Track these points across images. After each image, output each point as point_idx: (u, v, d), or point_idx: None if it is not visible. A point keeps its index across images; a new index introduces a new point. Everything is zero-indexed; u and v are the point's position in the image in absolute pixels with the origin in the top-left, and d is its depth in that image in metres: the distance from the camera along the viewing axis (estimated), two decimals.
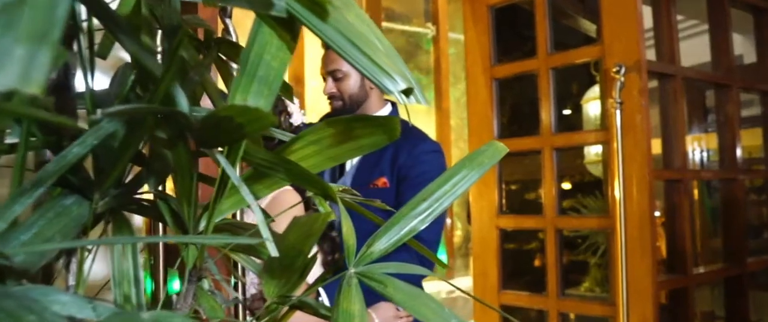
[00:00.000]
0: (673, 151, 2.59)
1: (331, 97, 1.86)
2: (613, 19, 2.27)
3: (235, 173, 0.37)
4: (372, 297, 1.66)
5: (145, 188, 0.51)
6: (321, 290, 1.52)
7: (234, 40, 1.19)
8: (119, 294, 0.41)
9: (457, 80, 6.81)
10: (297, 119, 1.65)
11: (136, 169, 0.54)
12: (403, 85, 0.35)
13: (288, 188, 1.46)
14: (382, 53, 0.36)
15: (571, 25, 3.18)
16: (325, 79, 1.89)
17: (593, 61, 2.42)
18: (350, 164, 1.89)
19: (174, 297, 0.44)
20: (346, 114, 1.89)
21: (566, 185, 5.09)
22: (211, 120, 0.33)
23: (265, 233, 0.36)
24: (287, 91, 0.60)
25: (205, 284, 0.49)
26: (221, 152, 0.40)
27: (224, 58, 0.68)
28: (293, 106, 1.56)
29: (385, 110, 1.94)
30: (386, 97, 2.02)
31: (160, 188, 0.52)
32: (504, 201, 2.73)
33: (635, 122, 2.19)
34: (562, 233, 2.54)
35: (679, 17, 3.37)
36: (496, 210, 2.68)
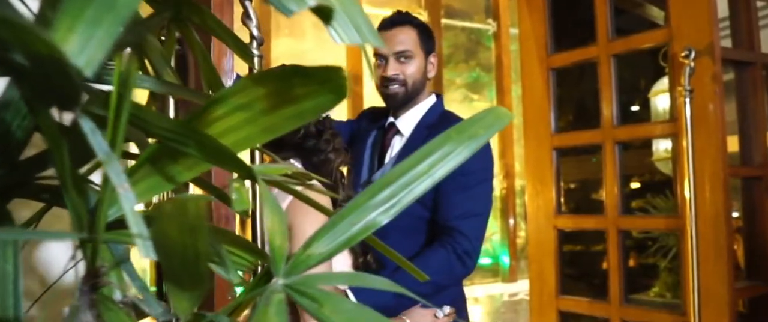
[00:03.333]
0: (753, 146, 2.35)
1: (393, 81, 1.72)
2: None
3: (102, 142, 0.27)
4: (408, 301, 1.54)
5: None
6: (347, 290, 1.41)
7: (254, 26, 1.08)
8: None
9: (519, 77, 6.57)
10: None
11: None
12: (312, 2, 0.24)
13: (313, 182, 1.36)
14: None
15: (637, 12, 2.96)
16: (381, 60, 1.75)
17: (661, 51, 2.22)
18: (389, 156, 1.77)
19: None
20: (405, 101, 1.77)
21: (635, 185, 4.84)
22: (30, 59, 0.22)
23: (135, 228, 0.25)
24: (243, 51, 0.49)
25: (117, 293, 0.39)
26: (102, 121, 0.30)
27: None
28: None
29: (430, 100, 1.81)
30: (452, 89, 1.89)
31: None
32: (563, 200, 2.55)
33: (707, 112, 1.98)
34: (630, 234, 2.35)
35: (760, 4, 3.09)
36: (553, 210, 2.50)
